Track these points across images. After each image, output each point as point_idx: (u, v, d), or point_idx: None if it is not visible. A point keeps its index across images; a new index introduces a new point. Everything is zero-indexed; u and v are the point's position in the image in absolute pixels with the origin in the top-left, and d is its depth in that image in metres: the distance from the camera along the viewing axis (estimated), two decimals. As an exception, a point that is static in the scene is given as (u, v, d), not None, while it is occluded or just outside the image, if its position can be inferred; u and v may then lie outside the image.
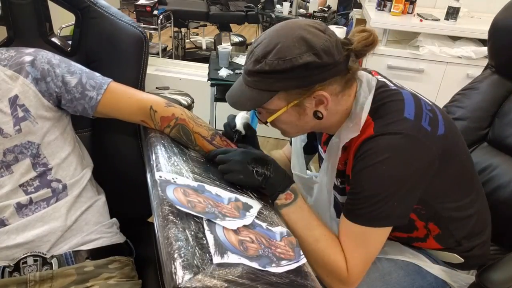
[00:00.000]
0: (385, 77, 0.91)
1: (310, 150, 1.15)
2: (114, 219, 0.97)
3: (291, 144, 1.19)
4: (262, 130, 2.94)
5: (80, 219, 0.89)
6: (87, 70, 0.94)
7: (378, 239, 0.83)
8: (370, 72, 0.91)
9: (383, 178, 0.78)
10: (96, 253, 0.87)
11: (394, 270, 0.98)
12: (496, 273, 0.89)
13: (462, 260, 0.96)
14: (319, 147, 1.07)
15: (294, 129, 0.89)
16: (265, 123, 0.87)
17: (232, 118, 1.00)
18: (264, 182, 0.84)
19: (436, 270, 0.98)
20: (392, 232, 0.88)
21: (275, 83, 0.78)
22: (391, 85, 0.88)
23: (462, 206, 0.91)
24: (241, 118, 0.98)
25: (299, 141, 1.13)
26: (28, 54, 0.89)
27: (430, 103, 0.88)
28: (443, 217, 0.90)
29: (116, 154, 1.09)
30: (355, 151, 0.82)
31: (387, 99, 0.83)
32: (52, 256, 0.83)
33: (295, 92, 0.79)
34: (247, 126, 0.98)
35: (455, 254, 0.96)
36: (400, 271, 0.97)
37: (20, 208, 0.83)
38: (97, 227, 0.91)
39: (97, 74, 0.94)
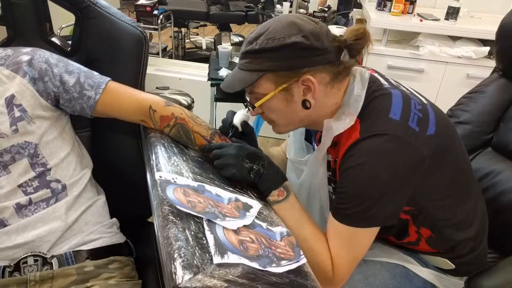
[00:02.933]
0: (382, 75, 0.90)
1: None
2: (114, 219, 0.97)
3: None
4: (261, 130, 2.94)
5: (80, 219, 0.89)
6: (85, 69, 0.94)
7: (365, 239, 0.82)
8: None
9: (366, 180, 0.77)
10: (96, 253, 0.87)
11: (379, 272, 0.96)
12: (487, 280, 0.84)
13: (453, 266, 0.94)
14: (314, 144, 1.06)
15: (283, 120, 0.88)
16: (253, 107, 0.87)
17: (231, 114, 1.00)
18: (257, 178, 0.84)
19: (425, 273, 0.96)
20: (383, 235, 0.88)
21: (264, 62, 0.80)
22: (385, 83, 0.87)
23: (457, 210, 0.89)
24: (240, 114, 0.97)
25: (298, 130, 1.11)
26: (25, 53, 0.88)
27: (424, 102, 0.86)
28: (436, 220, 0.88)
29: (116, 154, 1.09)
30: (343, 155, 0.81)
31: (374, 95, 0.83)
32: (53, 256, 0.83)
33: (283, 74, 0.80)
34: (245, 124, 0.97)
35: (446, 260, 0.94)
36: (385, 273, 0.96)
37: (19, 208, 0.83)
38: (97, 227, 0.91)
39: (96, 74, 0.94)
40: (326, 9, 2.97)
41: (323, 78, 0.81)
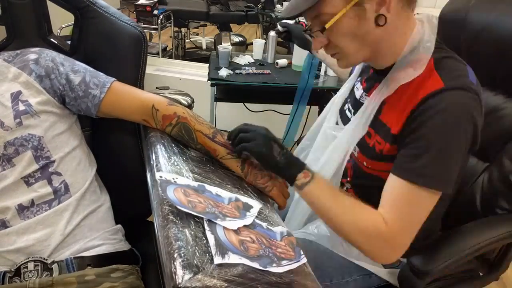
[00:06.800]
0: None
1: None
2: (119, 226, 0.96)
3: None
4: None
5: (83, 224, 0.87)
6: (91, 69, 0.95)
7: (425, 203, 0.76)
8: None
9: (449, 129, 0.73)
10: (98, 260, 0.85)
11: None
12: (427, 255, 0.86)
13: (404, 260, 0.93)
14: (358, 88, 0.98)
15: (353, 45, 0.80)
16: (322, 30, 0.78)
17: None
18: (283, 161, 0.82)
19: (382, 273, 0.96)
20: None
21: None
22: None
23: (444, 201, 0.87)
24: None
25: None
26: (32, 52, 0.91)
27: None
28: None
29: (115, 154, 1.09)
30: (419, 103, 0.76)
31: (451, 53, 0.79)
32: (53, 262, 0.81)
33: None
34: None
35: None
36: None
37: (21, 210, 0.83)
38: (100, 233, 0.89)
39: (101, 73, 0.95)
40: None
41: None
